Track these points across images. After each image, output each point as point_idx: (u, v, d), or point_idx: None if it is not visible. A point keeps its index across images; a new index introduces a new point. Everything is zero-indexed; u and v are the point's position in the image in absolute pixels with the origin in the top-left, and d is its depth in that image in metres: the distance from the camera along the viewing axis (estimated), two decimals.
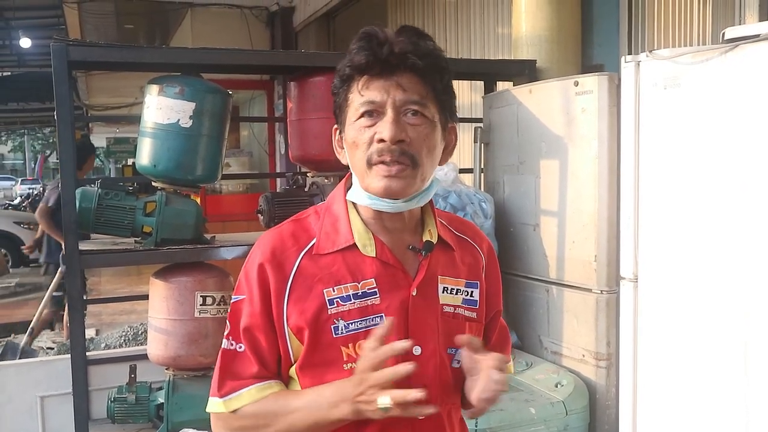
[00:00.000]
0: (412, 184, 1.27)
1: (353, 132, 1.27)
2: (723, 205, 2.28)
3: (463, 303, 1.37)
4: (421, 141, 1.26)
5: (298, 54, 4.14)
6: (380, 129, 1.24)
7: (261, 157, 10.07)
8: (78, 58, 2.89)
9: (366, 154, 1.25)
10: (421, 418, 1.29)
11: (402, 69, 1.24)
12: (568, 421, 2.85)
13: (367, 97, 1.25)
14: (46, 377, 3.41)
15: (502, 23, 5.11)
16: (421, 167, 1.26)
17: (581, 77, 3.02)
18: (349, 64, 1.26)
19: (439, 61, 1.28)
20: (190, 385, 3.04)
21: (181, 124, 2.96)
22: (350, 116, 1.28)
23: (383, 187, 1.25)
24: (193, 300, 3.02)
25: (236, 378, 1.31)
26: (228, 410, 1.30)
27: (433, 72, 1.27)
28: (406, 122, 1.25)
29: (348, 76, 1.28)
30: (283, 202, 3.23)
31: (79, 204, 2.96)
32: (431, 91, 1.27)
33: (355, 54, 1.25)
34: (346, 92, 1.29)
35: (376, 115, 1.25)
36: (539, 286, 3.28)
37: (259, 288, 1.29)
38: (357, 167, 1.30)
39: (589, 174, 2.97)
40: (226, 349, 1.33)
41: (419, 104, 1.25)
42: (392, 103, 1.24)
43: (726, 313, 2.28)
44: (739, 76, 2.21)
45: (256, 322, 1.29)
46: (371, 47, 1.24)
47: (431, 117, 1.27)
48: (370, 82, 1.25)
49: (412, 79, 1.25)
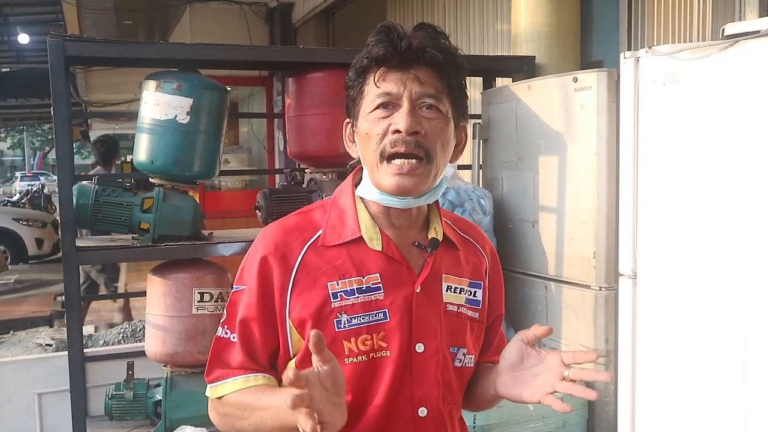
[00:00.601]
0: (425, 182, 1.27)
1: (367, 123, 1.27)
2: (722, 201, 2.27)
3: (466, 302, 1.37)
4: (435, 135, 1.26)
5: (296, 50, 4.12)
6: (396, 120, 1.24)
7: (260, 154, 10.06)
8: (75, 54, 2.87)
9: (380, 146, 1.25)
10: (422, 416, 1.29)
11: (420, 63, 1.25)
12: (567, 417, 2.85)
13: (383, 89, 1.25)
14: (43, 374, 3.40)
15: (501, 19, 5.10)
16: (434, 162, 1.27)
17: (580, 73, 3.01)
18: (367, 55, 1.27)
19: (455, 58, 1.29)
20: (188, 381, 3.03)
21: (178, 120, 2.95)
22: (364, 108, 1.28)
23: (395, 185, 1.25)
24: (191, 297, 3.01)
25: (224, 366, 1.31)
26: (213, 396, 1.32)
27: (450, 68, 1.28)
28: (421, 115, 1.25)
29: (365, 67, 1.28)
30: (281, 198, 3.21)
31: (76, 200, 2.95)
32: (446, 86, 1.28)
33: (373, 46, 1.26)
34: (362, 84, 1.29)
35: (392, 107, 1.25)
36: (538, 282, 3.27)
37: (259, 280, 1.29)
38: (368, 160, 1.29)
39: (588, 170, 2.96)
40: (219, 336, 1.34)
41: (435, 98, 1.26)
42: (409, 95, 1.24)
43: (725, 309, 2.27)
44: (738, 73, 2.20)
45: (252, 314, 1.29)
46: (390, 39, 1.24)
47: (446, 112, 1.28)
48: (387, 73, 1.25)
49: (429, 73, 1.26)
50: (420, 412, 1.30)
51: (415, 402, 1.29)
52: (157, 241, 3.03)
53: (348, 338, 1.26)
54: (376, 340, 1.26)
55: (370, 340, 1.26)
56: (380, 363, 1.26)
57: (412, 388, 1.29)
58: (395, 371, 1.27)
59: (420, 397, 1.29)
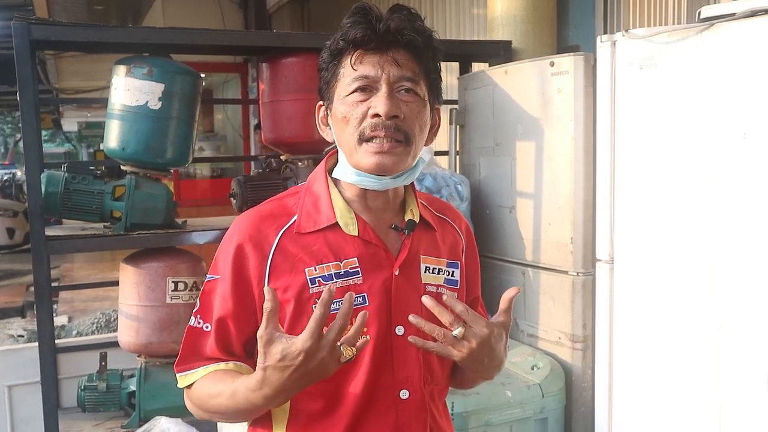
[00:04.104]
0: (403, 161, 1.26)
1: (344, 107, 1.25)
2: (699, 186, 2.27)
3: (445, 283, 1.36)
4: (413, 118, 1.25)
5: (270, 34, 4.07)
6: (374, 104, 1.23)
7: (235, 141, 9.98)
8: (40, 37, 2.78)
9: (358, 129, 1.24)
10: (404, 398, 1.29)
11: (398, 45, 1.24)
12: (545, 403, 2.85)
13: (360, 72, 1.24)
14: (13, 366, 3.35)
15: (478, 3, 5.07)
16: (413, 144, 1.26)
17: (557, 57, 2.99)
18: (343, 37, 1.25)
19: (432, 41, 1.29)
20: (162, 372, 2.99)
21: (149, 106, 2.89)
22: (340, 91, 1.26)
23: (375, 163, 1.24)
24: (165, 286, 2.97)
25: (196, 356, 1.31)
26: (182, 385, 1.33)
27: (427, 50, 1.27)
28: (399, 99, 1.24)
29: (340, 50, 1.26)
30: (256, 185, 3.17)
31: (45, 188, 2.88)
32: (424, 69, 1.27)
33: (349, 28, 1.24)
34: (337, 67, 1.27)
35: (369, 91, 1.24)
36: (515, 268, 3.26)
37: (234, 268, 1.28)
38: (345, 143, 1.28)
39: (565, 155, 2.95)
40: (192, 326, 1.33)
41: (413, 81, 1.25)
42: (387, 78, 1.23)
43: (701, 294, 2.28)
44: (715, 56, 2.20)
45: (228, 306, 1.28)
46: (368, 21, 1.22)
47: (423, 95, 1.27)
48: (364, 56, 1.24)
49: (407, 56, 1.25)
50: (402, 394, 1.29)
51: (396, 384, 1.29)
52: (130, 230, 2.97)
53: (327, 324, 1.24)
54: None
55: (349, 324, 1.24)
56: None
57: (393, 370, 1.29)
58: (375, 355, 1.26)
59: (401, 380, 1.29)
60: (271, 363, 1.10)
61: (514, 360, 3.01)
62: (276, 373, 1.11)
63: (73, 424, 3.07)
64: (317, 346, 1.09)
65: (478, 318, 1.20)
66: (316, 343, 1.09)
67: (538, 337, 3.14)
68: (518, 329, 3.24)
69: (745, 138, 2.12)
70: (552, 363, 2.95)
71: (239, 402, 1.20)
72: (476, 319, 1.20)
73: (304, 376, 1.11)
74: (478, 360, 1.21)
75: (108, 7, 10.13)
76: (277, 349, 1.10)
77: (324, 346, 1.09)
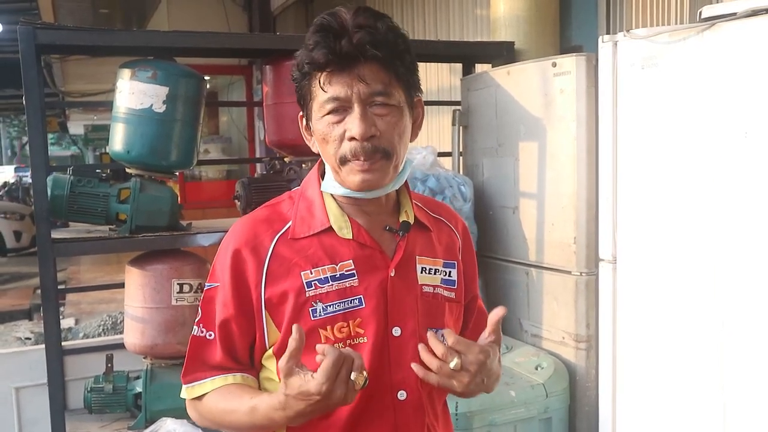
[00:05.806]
0: (387, 174, 1.26)
1: (322, 127, 1.25)
2: (701, 185, 2.28)
3: (442, 283, 1.36)
4: (391, 130, 1.24)
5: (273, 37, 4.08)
6: (349, 126, 1.22)
7: (240, 143, 10.00)
8: (46, 42, 2.81)
9: (338, 152, 1.24)
10: (402, 399, 1.29)
11: (362, 61, 1.20)
12: (549, 403, 2.85)
13: (330, 93, 1.22)
14: (20, 368, 3.36)
15: (481, 4, 5.08)
16: (395, 155, 1.26)
17: (559, 58, 3.00)
18: (308, 61, 1.23)
19: (398, 44, 1.24)
20: (168, 373, 3.00)
21: (154, 109, 2.90)
22: (316, 111, 1.26)
23: (360, 181, 1.25)
24: (170, 288, 2.98)
25: (202, 366, 1.32)
26: (190, 397, 1.33)
27: (394, 58, 1.23)
28: (373, 114, 1.22)
29: (307, 72, 1.25)
30: (261, 187, 3.18)
31: (51, 191, 2.90)
32: (394, 76, 1.24)
33: (312, 50, 1.22)
34: (309, 85, 1.26)
35: (343, 111, 1.22)
36: (519, 269, 3.27)
37: (232, 274, 1.29)
38: (329, 160, 1.28)
39: (567, 156, 2.95)
40: (195, 335, 1.33)
41: (384, 94, 1.23)
42: (357, 97, 1.21)
43: (703, 292, 2.28)
44: (716, 55, 2.20)
45: (230, 312, 1.29)
46: (328, 43, 1.20)
47: (398, 103, 1.25)
48: (331, 77, 1.22)
49: (374, 68, 1.21)
50: (399, 395, 1.30)
51: (394, 386, 1.29)
52: (135, 232, 2.99)
53: (324, 326, 1.25)
54: (353, 327, 1.26)
55: (346, 327, 1.26)
56: (357, 349, 1.25)
57: (391, 372, 1.29)
58: (373, 356, 1.27)
59: (399, 381, 1.29)
60: (291, 393, 1.13)
61: (517, 360, 3.02)
62: (296, 403, 1.14)
63: (80, 425, 3.09)
64: (332, 387, 1.10)
65: (471, 345, 1.21)
66: (332, 384, 1.10)
67: (541, 337, 3.14)
68: (522, 329, 3.25)
69: (747, 137, 2.12)
70: (556, 363, 2.96)
71: (258, 419, 1.22)
72: (470, 347, 1.21)
73: (324, 408, 1.14)
74: (479, 385, 1.23)
75: (113, 10, 10.18)
76: (296, 384, 1.12)
77: (339, 384, 1.11)
